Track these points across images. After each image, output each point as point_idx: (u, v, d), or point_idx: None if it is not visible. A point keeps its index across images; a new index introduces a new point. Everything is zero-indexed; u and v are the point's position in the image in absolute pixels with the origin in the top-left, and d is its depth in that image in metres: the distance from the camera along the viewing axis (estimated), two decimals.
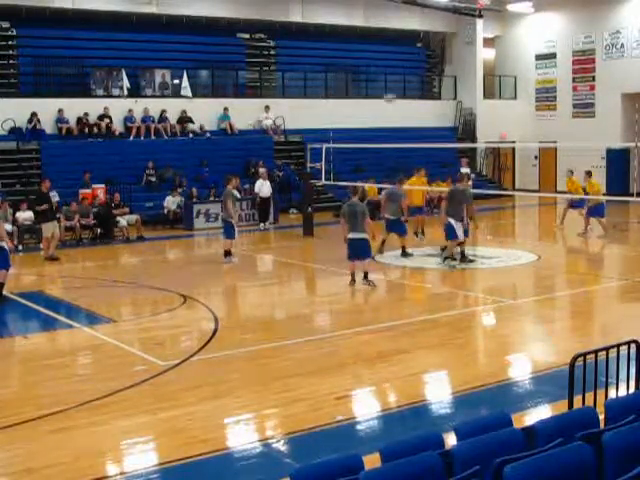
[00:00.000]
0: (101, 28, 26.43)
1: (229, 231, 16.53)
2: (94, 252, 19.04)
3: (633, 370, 6.41)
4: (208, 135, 26.40)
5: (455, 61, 33.31)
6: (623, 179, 28.10)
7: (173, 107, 26.06)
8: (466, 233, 15.77)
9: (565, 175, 20.82)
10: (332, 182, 22.12)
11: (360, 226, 13.20)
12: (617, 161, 28.81)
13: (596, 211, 19.33)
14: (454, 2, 30.54)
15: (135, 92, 25.91)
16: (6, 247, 12.84)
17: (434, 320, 11.48)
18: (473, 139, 31.67)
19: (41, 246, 17.88)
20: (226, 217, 16.55)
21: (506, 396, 8.17)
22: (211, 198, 23.36)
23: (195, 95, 26.75)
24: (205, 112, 26.65)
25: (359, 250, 13.31)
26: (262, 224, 22.75)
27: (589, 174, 19.85)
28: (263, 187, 22.85)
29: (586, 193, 19.22)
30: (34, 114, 23.57)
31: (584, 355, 6.12)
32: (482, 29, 32.22)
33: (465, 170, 25.04)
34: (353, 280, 13.42)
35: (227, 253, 16.50)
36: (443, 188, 24.56)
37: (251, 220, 23.06)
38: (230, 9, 28.20)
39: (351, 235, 13.26)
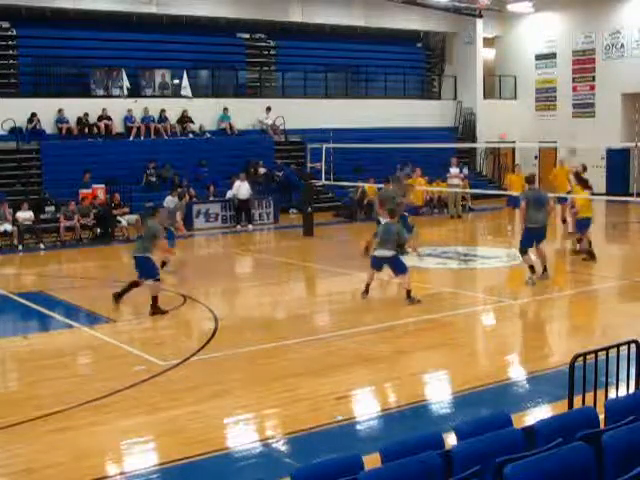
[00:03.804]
0: (101, 28, 26.41)
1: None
2: (94, 252, 19.04)
3: (633, 370, 6.41)
4: (208, 135, 26.40)
5: (455, 61, 33.29)
6: (623, 179, 28.09)
7: (173, 107, 26.04)
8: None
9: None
10: (332, 182, 22.14)
11: (392, 244, 12.33)
12: (617, 161, 28.80)
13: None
14: (454, 2, 30.53)
15: (135, 92, 25.90)
16: (152, 257, 12.33)
17: (434, 320, 11.48)
18: (473, 139, 31.66)
19: None
20: None
21: (506, 396, 8.17)
22: (211, 198, 23.38)
23: (195, 95, 26.73)
24: (205, 112, 26.65)
25: (391, 266, 12.46)
26: (239, 225, 22.59)
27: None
28: (241, 188, 22.66)
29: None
30: (34, 114, 23.57)
31: (584, 355, 6.12)
32: (482, 29, 32.21)
33: (455, 170, 25.09)
34: (367, 292, 12.60)
35: None
36: (443, 188, 24.68)
37: (228, 222, 22.84)
38: (230, 9, 28.19)
39: (377, 252, 12.44)
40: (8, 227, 19.25)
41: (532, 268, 13.37)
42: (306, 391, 8.17)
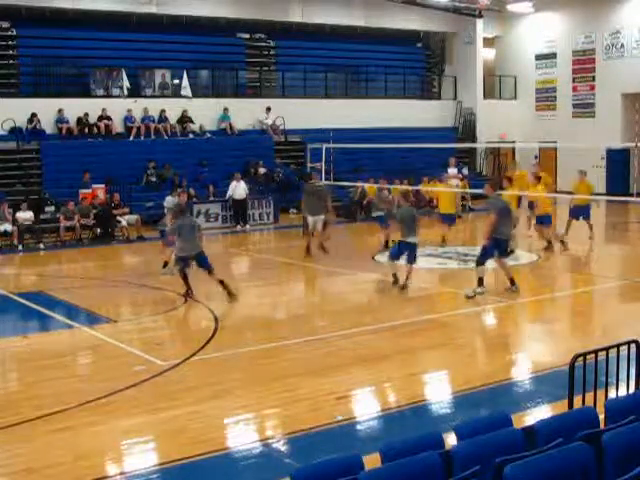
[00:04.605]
0: (101, 28, 26.40)
1: None
2: (94, 252, 19.04)
3: (633, 370, 6.41)
4: (208, 135, 26.40)
5: (455, 61, 33.29)
6: (623, 179, 28.09)
7: (173, 107, 26.03)
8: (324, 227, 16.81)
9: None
10: (332, 182, 22.13)
11: (416, 231, 13.19)
12: (617, 161, 28.80)
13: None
14: (454, 2, 30.53)
15: (135, 92, 25.90)
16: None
17: (434, 320, 11.48)
18: (473, 139, 31.66)
19: None
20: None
21: (506, 396, 8.17)
22: (211, 198, 23.38)
23: (195, 95, 26.72)
24: (205, 112, 26.64)
25: (412, 254, 13.17)
26: (239, 226, 22.67)
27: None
28: (237, 189, 22.66)
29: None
30: (34, 114, 23.57)
31: (584, 355, 6.12)
32: (482, 29, 32.21)
33: (453, 170, 25.01)
34: (397, 281, 13.15)
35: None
36: (440, 188, 24.62)
37: (228, 222, 22.95)
38: (230, 9, 28.19)
39: (411, 239, 13.07)
40: (8, 227, 19.26)
41: (481, 280, 12.68)
42: (306, 391, 8.17)
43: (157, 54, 27.20)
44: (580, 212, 18.03)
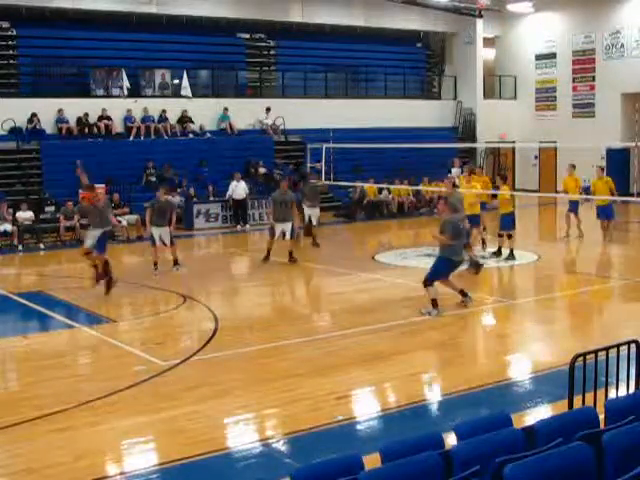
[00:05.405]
0: (101, 28, 26.40)
1: None
2: None
3: (633, 370, 6.41)
4: (208, 135, 26.40)
5: (455, 61, 33.29)
6: (623, 179, 28.07)
7: (173, 107, 26.03)
8: (293, 234, 16.71)
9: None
10: (332, 182, 22.12)
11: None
12: (617, 161, 28.80)
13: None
14: (454, 2, 30.52)
15: (135, 92, 25.89)
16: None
17: (434, 320, 11.47)
18: (473, 139, 31.65)
19: None
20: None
21: (506, 396, 8.17)
22: (211, 198, 23.38)
23: (195, 95, 26.72)
24: (205, 112, 26.63)
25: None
26: (239, 226, 22.72)
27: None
28: (237, 189, 22.67)
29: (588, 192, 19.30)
30: (34, 114, 23.56)
31: (584, 355, 6.12)
32: (482, 29, 32.19)
33: (456, 170, 24.96)
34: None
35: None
36: (441, 188, 24.60)
37: (228, 222, 23.01)
38: (230, 9, 28.19)
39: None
40: (8, 227, 19.26)
41: (464, 293, 12.01)
42: (306, 391, 8.18)
43: (157, 54, 27.18)
44: (602, 212, 18.33)
